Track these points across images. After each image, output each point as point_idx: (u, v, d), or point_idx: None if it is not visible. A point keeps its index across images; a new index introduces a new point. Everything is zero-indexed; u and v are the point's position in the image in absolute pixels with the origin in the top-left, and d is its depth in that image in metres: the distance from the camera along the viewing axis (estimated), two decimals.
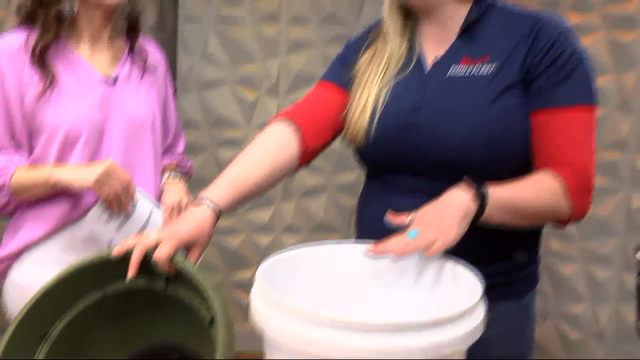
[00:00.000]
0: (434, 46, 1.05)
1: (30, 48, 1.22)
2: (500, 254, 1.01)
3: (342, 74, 1.12)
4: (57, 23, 1.23)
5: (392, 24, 1.06)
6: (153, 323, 0.83)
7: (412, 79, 1.03)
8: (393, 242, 0.82)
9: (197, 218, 0.86)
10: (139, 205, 1.27)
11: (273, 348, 0.68)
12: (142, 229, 1.28)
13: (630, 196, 2.11)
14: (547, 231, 2.25)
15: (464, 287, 0.77)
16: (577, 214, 0.97)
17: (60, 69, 1.26)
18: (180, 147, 1.54)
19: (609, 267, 2.17)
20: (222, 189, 0.92)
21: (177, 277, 0.77)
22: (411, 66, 1.04)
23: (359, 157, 1.12)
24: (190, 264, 0.78)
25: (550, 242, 2.32)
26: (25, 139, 1.24)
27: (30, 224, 1.27)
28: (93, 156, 1.27)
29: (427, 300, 0.83)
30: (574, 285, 2.26)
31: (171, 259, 0.78)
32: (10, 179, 1.21)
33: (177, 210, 1.32)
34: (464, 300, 0.70)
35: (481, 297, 0.73)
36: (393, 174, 1.05)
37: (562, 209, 0.95)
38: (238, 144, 2.70)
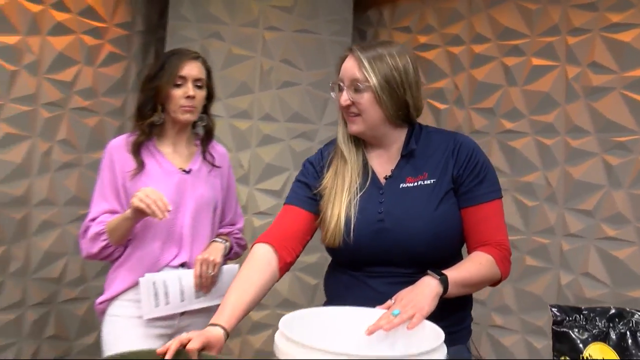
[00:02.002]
0: (382, 167, 1.37)
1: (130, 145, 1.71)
2: (450, 312, 1.27)
3: (302, 197, 1.38)
4: (149, 129, 1.72)
5: (346, 149, 1.37)
6: None
7: (372, 193, 1.34)
8: (382, 321, 1.07)
9: (216, 333, 1.13)
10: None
11: None
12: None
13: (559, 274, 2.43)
14: (490, 308, 2.53)
15: (430, 333, 1.01)
16: (504, 275, 1.31)
17: (149, 160, 1.72)
18: (239, 225, 1.95)
19: (545, 337, 2.44)
20: (226, 315, 1.18)
21: None
22: (368, 182, 1.35)
23: (333, 253, 1.39)
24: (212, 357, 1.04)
25: (494, 317, 2.59)
26: (126, 206, 1.67)
27: (122, 276, 1.70)
28: (170, 223, 1.68)
29: (406, 342, 1.06)
30: (515, 354, 2.51)
31: (199, 351, 1.06)
32: (106, 224, 1.65)
33: (206, 264, 1.66)
34: (432, 342, 0.94)
35: (443, 341, 0.97)
36: (368, 265, 1.32)
37: (496, 275, 1.29)
38: None
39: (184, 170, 1.76)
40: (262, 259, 1.30)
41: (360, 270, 1.34)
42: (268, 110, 2.96)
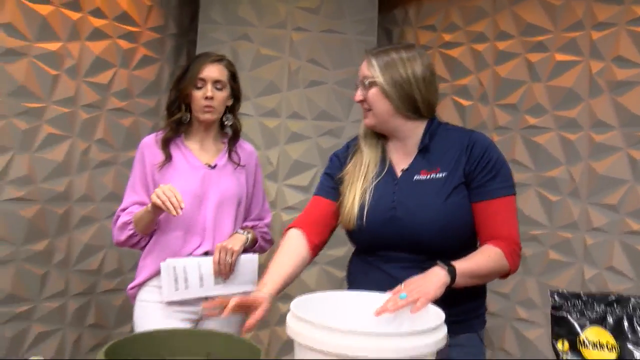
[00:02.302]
0: (399, 160, 1.46)
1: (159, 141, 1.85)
2: (461, 301, 1.34)
3: (326, 188, 1.53)
4: (176, 126, 1.85)
5: (366, 143, 1.49)
6: None
7: (387, 183, 1.43)
8: (389, 304, 1.14)
9: (260, 294, 1.32)
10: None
11: (302, 350, 0.97)
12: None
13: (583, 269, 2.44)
14: (514, 301, 2.55)
15: (433, 315, 1.07)
16: (512, 269, 1.35)
17: (177, 154, 1.84)
18: (267, 220, 2.05)
19: None
20: (269, 283, 1.36)
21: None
22: (384, 173, 1.44)
23: (351, 237, 1.50)
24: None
25: (518, 310, 2.61)
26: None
27: (149, 264, 1.83)
28: (194, 215, 1.80)
29: (412, 324, 1.12)
30: (539, 347, 2.53)
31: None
32: (133, 214, 1.78)
33: (224, 251, 1.75)
34: (433, 323, 1.00)
35: (443, 321, 1.03)
36: (380, 249, 1.42)
37: (504, 268, 1.34)
38: None
39: (210, 166, 1.87)
40: (294, 240, 1.47)
41: (375, 255, 1.43)
42: (296, 109, 3.04)
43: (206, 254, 1.83)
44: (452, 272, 1.24)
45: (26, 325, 2.55)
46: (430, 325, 0.97)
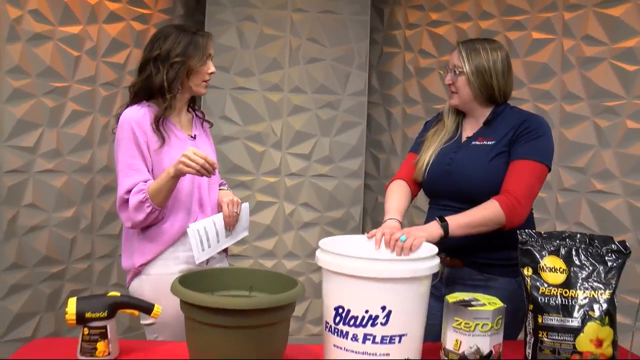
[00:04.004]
0: (468, 132, 1.76)
1: (150, 117, 1.76)
2: (500, 247, 1.62)
3: (417, 147, 1.85)
4: (170, 104, 1.77)
5: (448, 117, 1.80)
6: None
7: (451, 147, 1.74)
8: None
9: (396, 225, 1.58)
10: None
11: (331, 276, 1.26)
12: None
13: None
14: None
15: (428, 249, 1.37)
16: (508, 220, 1.53)
17: (166, 130, 1.80)
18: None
19: None
20: (394, 212, 1.66)
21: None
22: (453, 140, 1.76)
23: (423, 188, 1.81)
24: None
25: None
26: (151, 171, 1.78)
27: (155, 241, 1.79)
28: (191, 181, 1.81)
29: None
30: None
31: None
32: (147, 191, 1.71)
33: (232, 204, 1.88)
34: (427, 254, 1.31)
35: (436, 253, 1.32)
36: (439, 198, 1.74)
37: (499, 217, 1.53)
38: (248, 187, 3.30)
39: (191, 136, 1.90)
40: (399, 184, 1.80)
41: (435, 203, 1.76)
42: (297, 84, 3.31)
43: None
44: (445, 226, 1.50)
45: (60, 284, 2.84)
46: (426, 255, 1.28)
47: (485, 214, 1.55)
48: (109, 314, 1.33)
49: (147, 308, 1.39)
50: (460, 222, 1.53)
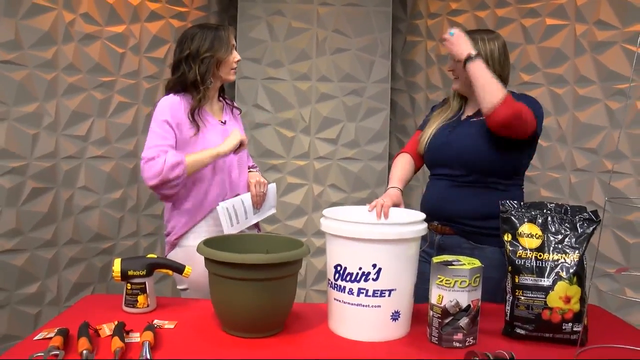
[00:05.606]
0: (469, 111, 1.95)
1: (185, 106, 1.97)
2: (489, 217, 1.78)
3: (425, 124, 2.05)
4: (204, 95, 1.98)
5: (453, 99, 2.00)
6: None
7: (452, 124, 1.94)
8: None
9: (396, 193, 1.81)
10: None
11: (332, 239, 1.47)
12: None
13: None
14: None
15: (416, 215, 1.56)
16: (497, 107, 1.67)
17: (201, 119, 2.00)
18: (251, 161, 2.32)
19: None
20: (396, 181, 1.91)
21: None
22: (454, 119, 1.96)
23: (424, 160, 2.01)
24: None
25: None
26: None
27: (189, 216, 2.01)
28: (224, 161, 2.04)
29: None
30: None
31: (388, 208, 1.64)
32: (185, 163, 1.88)
33: (259, 185, 2.12)
34: (413, 219, 1.50)
35: (423, 218, 1.51)
36: (436, 168, 1.93)
37: (495, 98, 1.68)
38: (279, 170, 3.53)
39: (222, 122, 2.09)
40: (404, 156, 2.03)
41: (434, 173, 1.96)
42: (324, 73, 3.51)
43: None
44: (477, 56, 1.73)
45: (109, 259, 3.15)
46: (412, 220, 1.48)
47: (496, 81, 1.72)
48: (147, 272, 1.58)
49: (178, 268, 1.64)
50: (484, 65, 1.74)
